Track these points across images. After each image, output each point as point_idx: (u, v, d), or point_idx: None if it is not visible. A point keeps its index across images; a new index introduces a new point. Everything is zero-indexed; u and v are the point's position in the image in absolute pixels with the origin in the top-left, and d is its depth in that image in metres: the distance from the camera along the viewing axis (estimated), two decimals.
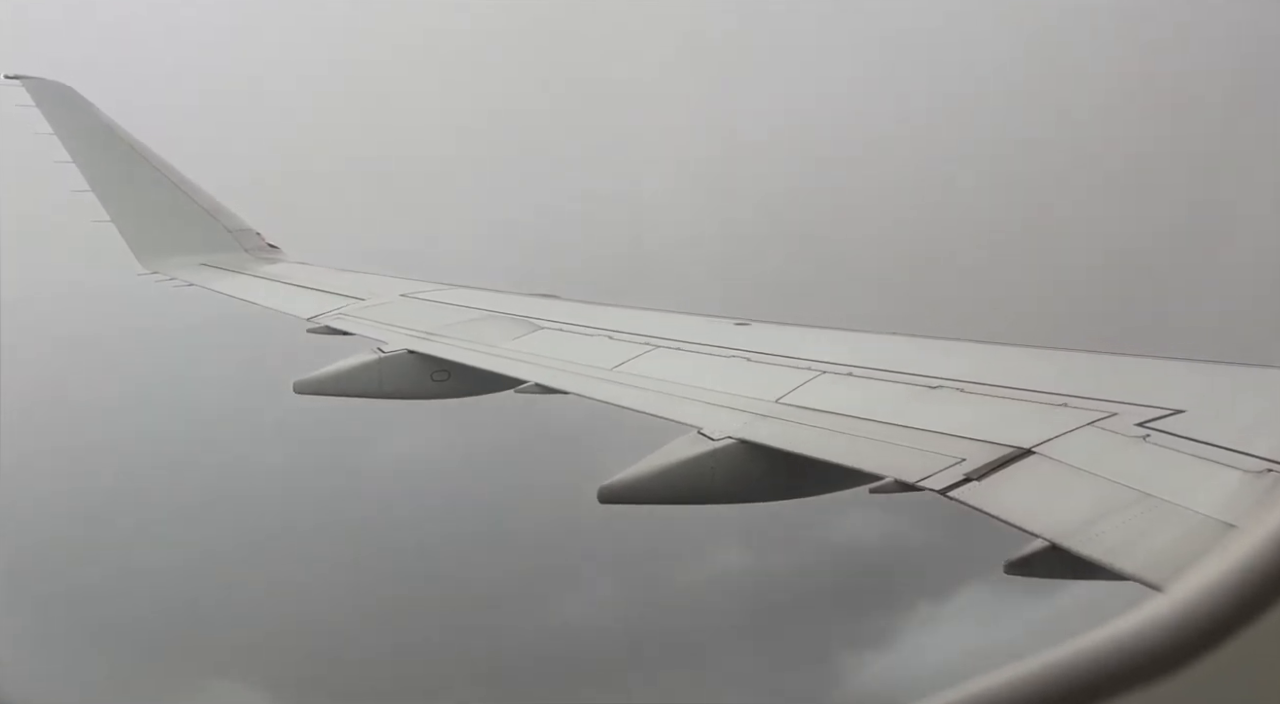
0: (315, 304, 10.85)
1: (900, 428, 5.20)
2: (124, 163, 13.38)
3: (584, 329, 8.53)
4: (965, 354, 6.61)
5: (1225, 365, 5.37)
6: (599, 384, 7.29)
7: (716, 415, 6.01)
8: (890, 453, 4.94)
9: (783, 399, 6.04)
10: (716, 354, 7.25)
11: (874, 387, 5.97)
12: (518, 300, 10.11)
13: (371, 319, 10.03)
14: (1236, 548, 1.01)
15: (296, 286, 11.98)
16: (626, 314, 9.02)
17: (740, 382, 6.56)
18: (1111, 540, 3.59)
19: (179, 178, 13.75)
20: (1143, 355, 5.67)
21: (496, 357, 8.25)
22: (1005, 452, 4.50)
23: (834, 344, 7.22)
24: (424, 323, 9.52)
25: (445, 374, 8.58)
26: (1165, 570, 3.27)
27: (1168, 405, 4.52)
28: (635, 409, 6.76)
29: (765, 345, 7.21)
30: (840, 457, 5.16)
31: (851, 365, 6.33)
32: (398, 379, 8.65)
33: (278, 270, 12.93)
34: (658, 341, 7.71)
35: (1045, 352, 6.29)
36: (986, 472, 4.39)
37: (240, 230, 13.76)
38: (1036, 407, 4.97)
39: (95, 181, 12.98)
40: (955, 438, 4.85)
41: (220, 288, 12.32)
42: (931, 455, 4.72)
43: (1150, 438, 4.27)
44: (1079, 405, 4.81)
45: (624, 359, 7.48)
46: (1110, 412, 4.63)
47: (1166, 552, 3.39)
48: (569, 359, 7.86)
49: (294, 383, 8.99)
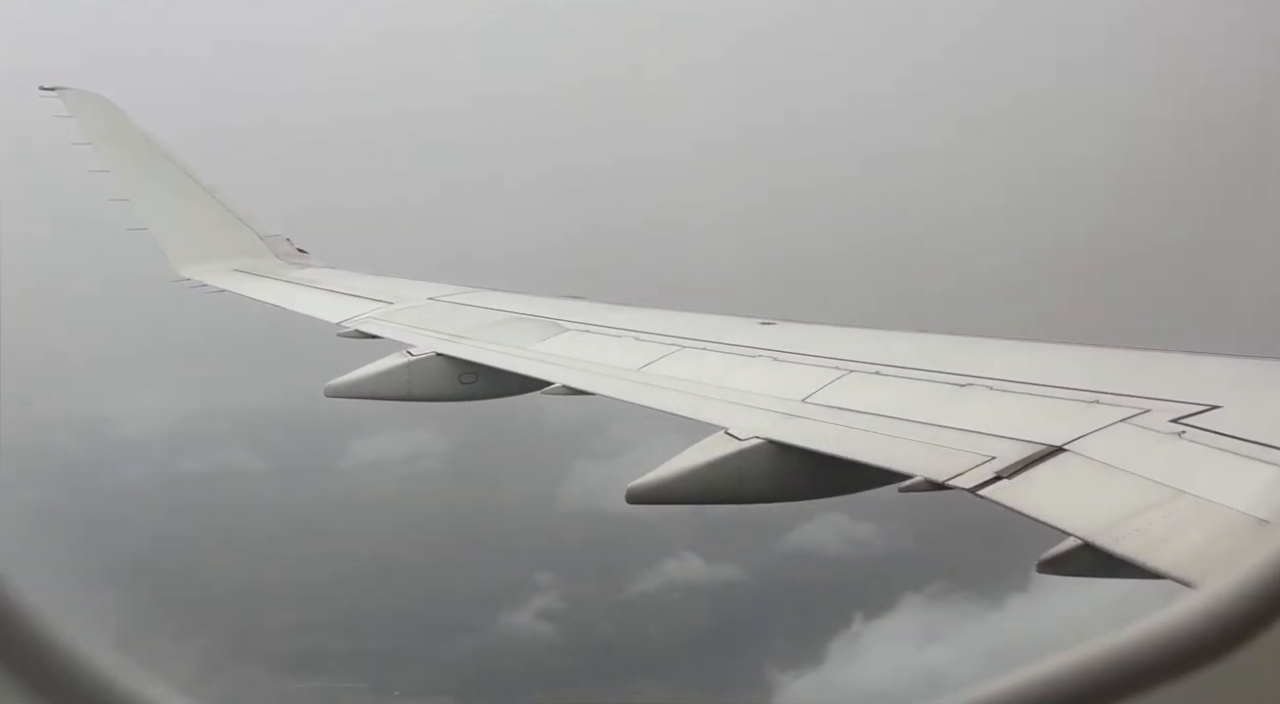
0: (345, 308, 10.97)
1: (929, 426, 5.16)
2: (158, 171, 13.63)
3: (610, 330, 8.55)
4: (995, 352, 6.55)
5: (1261, 360, 5.28)
6: (626, 385, 7.31)
7: (743, 415, 6.00)
8: (919, 451, 4.91)
9: (810, 398, 6.02)
10: (742, 354, 7.24)
11: (902, 385, 5.93)
12: (544, 302, 10.16)
13: (400, 323, 10.12)
14: (1271, 542, 1.00)
15: (326, 291, 12.12)
16: (652, 315, 9.04)
17: (767, 381, 6.54)
18: (1144, 538, 3.55)
19: (211, 185, 13.98)
20: (1177, 351, 5.58)
21: (523, 359, 8.29)
22: (1036, 449, 4.46)
23: (861, 343, 7.18)
24: (451, 326, 9.60)
25: (473, 376, 8.65)
26: (1198, 568, 3.23)
27: (1203, 401, 4.45)
28: (662, 410, 6.77)
29: (791, 345, 7.19)
30: (868, 456, 5.13)
31: (879, 364, 6.29)
32: (426, 382, 8.72)
33: (307, 275, 13.09)
34: (684, 342, 7.71)
35: (1077, 348, 6.22)
36: (1017, 470, 4.35)
37: (270, 236, 13.95)
38: (1068, 404, 4.91)
39: (130, 190, 13.22)
40: (985, 436, 4.81)
41: (252, 293, 12.50)
42: (961, 454, 4.68)
43: (1185, 434, 4.21)
44: (1111, 402, 4.75)
45: (650, 360, 7.49)
46: (1144, 408, 4.57)
47: (1200, 549, 3.34)
48: (595, 361, 7.89)
49: (325, 387, 9.09)
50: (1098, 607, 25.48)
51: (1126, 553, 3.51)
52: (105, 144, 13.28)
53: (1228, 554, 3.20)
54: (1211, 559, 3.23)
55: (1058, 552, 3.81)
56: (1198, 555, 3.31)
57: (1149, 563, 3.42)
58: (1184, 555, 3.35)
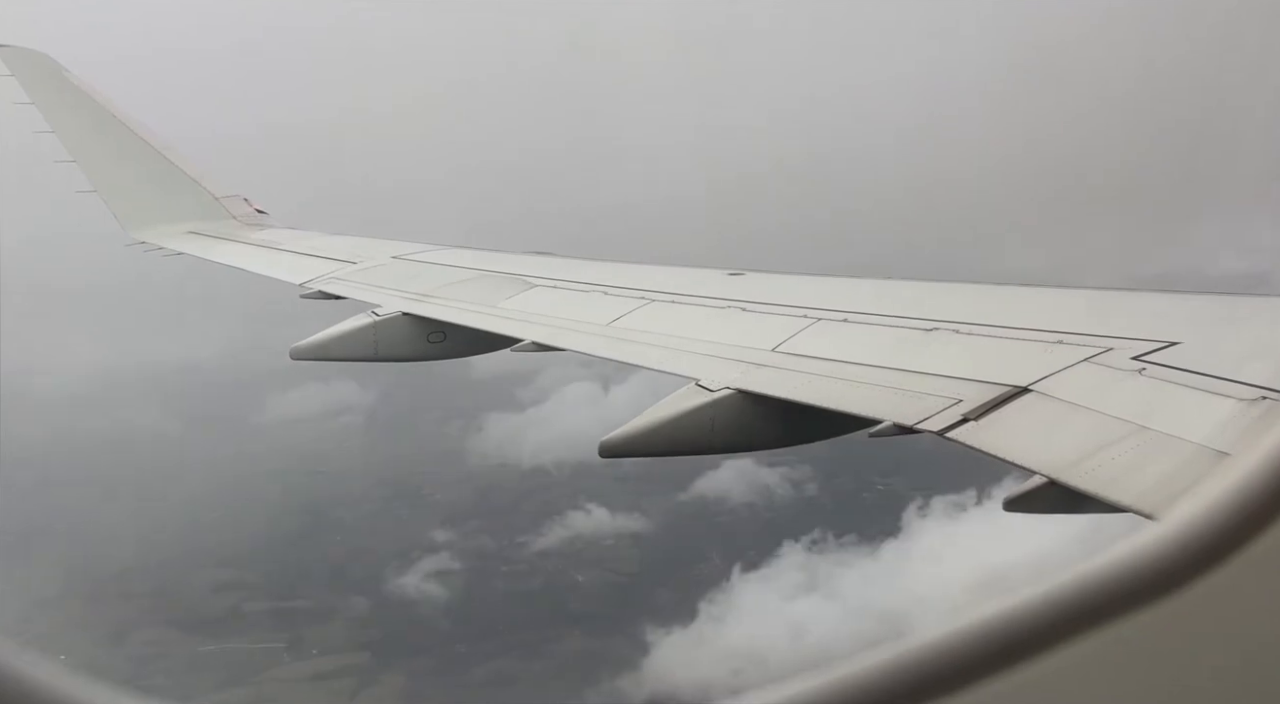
0: (307, 269, 10.78)
1: (897, 371, 5.21)
2: (105, 131, 13.18)
3: (578, 285, 8.50)
4: (960, 295, 6.61)
5: (1217, 296, 5.38)
6: (595, 340, 7.29)
7: (714, 366, 6.02)
8: (887, 397, 4.96)
9: (779, 347, 6.05)
10: (711, 305, 7.24)
11: (869, 332, 5.97)
12: (509, 258, 10.05)
13: (364, 283, 9.97)
14: (1231, 473, 1.02)
15: (287, 252, 11.89)
16: (620, 269, 8.98)
17: (736, 332, 6.56)
18: (1108, 473, 3.63)
19: (162, 144, 13.56)
20: (1136, 289, 5.67)
21: (492, 316, 8.23)
22: (1002, 391, 4.52)
23: (829, 291, 7.21)
24: (417, 285, 9.47)
25: (441, 335, 8.57)
26: (1160, 500, 3.31)
27: (1162, 338, 4.54)
28: (632, 363, 6.77)
29: (760, 295, 7.20)
30: (837, 402, 5.18)
31: (846, 311, 6.32)
32: (393, 342, 8.63)
33: (267, 236, 12.82)
34: (652, 295, 7.68)
35: (1041, 289, 6.29)
36: (983, 411, 4.41)
37: (227, 196, 13.61)
38: (1032, 345, 4.98)
39: (77, 151, 12.78)
40: (952, 379, 4.87)
41: (210, 256, 12.22)
42: (928, 398, 4.74)
43: (1145, 371, 4.29)
44: (1074, 342, 4.82)
45: (619, 314, 7.47)
46: (1106, 347, 4.65)
47: (1162, 482, 3.43)
48: (564, 316, 7.84)
49: (290, 349, 8.96)
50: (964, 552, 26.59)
51: (1090, 488, 3.59)
52: (48, 104, 12.80)
53: (1188, 486, 3.29)
54: (1172, 492, 3.31)
55: (1023, 490, 3.89)
56: (1159, 488, 3.39)
57: (1111, 497, 3.50)
58: (1146, 489, 3.43)
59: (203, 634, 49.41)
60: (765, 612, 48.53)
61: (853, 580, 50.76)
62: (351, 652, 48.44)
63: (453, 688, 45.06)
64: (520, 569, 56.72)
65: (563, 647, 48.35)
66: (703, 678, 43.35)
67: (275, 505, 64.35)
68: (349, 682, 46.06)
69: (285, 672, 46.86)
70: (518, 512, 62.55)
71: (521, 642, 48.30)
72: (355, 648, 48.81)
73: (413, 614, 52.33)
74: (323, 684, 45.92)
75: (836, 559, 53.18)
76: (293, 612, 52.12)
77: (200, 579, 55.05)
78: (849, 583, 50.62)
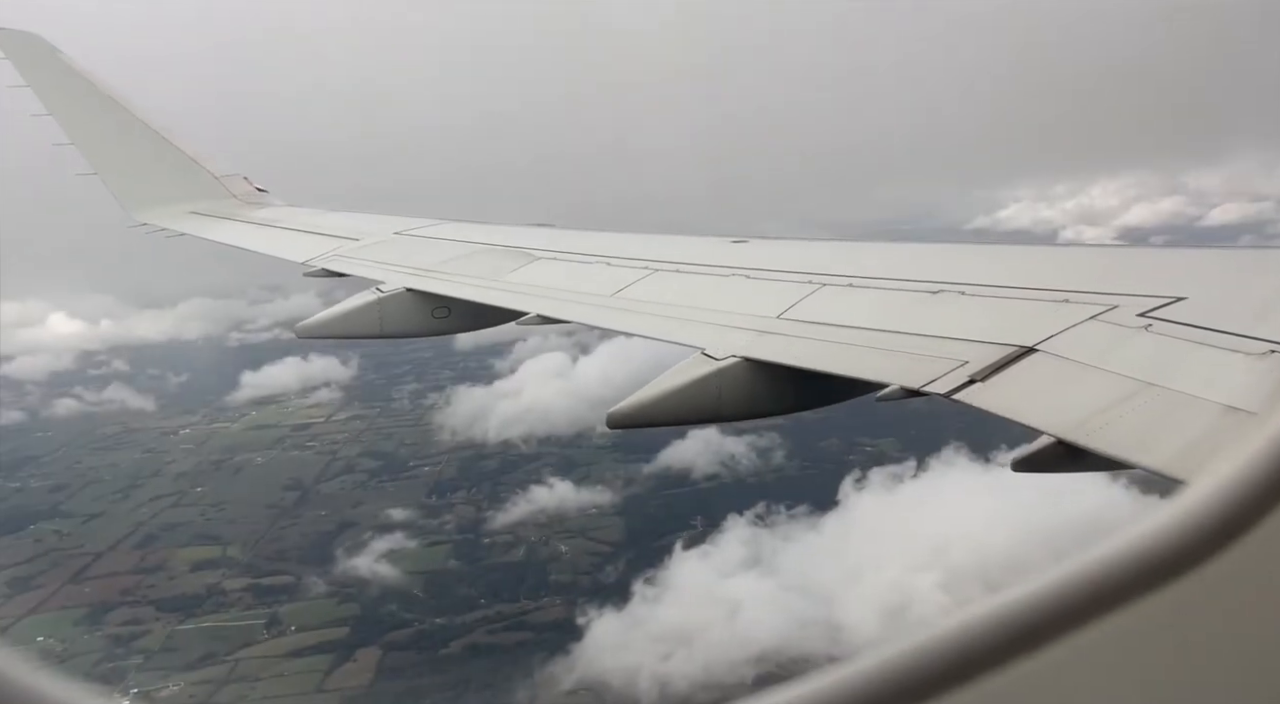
0: (309, 247, 10.77)
1: (903, 335, 5.20)
2: (102, 112, 13.11)
3: (581, 257, 8.47)
4: (966, 256, 6.58)
5: (1225, 249, 5.35)
6: (600, 311, 7.28)
7: (719, 335, 6.02)
8: (894, 360, 4.96)
9: (784, 314, 6.04)
10: (716, 274, 7.22)
11: (875, 295, 5.96)
12: (512, 231, 10.02)
13: (367, 259, 9.96)
14: (1251, 440, 0.99)
15: (289, 230, 11.87)
16: (623, 239, 8.95)
17: (741, 299, 6.55)
18: (1115, 431, 3.63)
19: (160, 125, 13.50)
20: (1143, 245, 5.64)
21: (496, 290, 8.22)
22: (1008, 351, 4.51)
23: (833, 256, 7.18)
24: (420, 260, 9.46)
25: (446, 310, 8.57)
26: (1168, 457, 3.32)
27: (1168, 294, 4.52)
28: (638, 334, 6.77)
29: (764, 262, 7.17)
30: (844, 368, 5.18)
31: (851, 276, 6.30)
32: (399, 318, 8.64)
33: (268, 215, 12.80)
34: (656, 265, 7.66)
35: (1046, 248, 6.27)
36: (990, 372, 4.41)
37: (227, 175, 13.57)
38: (1038, 304, 4.96)
39: (75, 133, 12.74)
40: (958, 341, 4.86)
41: (212, 236, 12.21)
42: (935, 360, 4.74)
43: (1152, 327, 4.28)
44: (1080, 300, 4.80)
45: (623, 284, 7.45)
46: (1112, 304, 4.63)
47: (1169, 438, 3.43)
48: (568, 288, 7.84)
49: (296, 327, 8.99)
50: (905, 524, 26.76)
51: (1097, 447, 3.60)
52: (44, 86, 12.72)
53: (1195, 442, 3.29)
54: (1179, 448, 3.32)
55: (1031, 450, 3.89)
56: (1166, 445, 3.40)
57: (1119, 454, 3.51)
58: (1153, 445, 3.44)
59: (180, 612, 50.09)
60: (696, 592, 48.62)
61: (793, 556, 51.05)
62: (329, 627, 49.05)
63: (430, 661, 45.73)
64: (504, 541, 57.31)
65: (541, 617, 48.99)
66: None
67: (255, 481, 64.93)
68: (326, 658, 46.71)
69: (262, 648, 47.50)
70: (499, 483, 63.18)
71: (499, 614, 49.00)
72: (333, 623, 49.45)
73: (388, 588, 52.89)
74: (300, 659, 46.56)
75: (781, 533, 53.62)
76: (270, 588, 52.75)
77: (178, 558, 55.70)
78: (789, 558, 50.91)
